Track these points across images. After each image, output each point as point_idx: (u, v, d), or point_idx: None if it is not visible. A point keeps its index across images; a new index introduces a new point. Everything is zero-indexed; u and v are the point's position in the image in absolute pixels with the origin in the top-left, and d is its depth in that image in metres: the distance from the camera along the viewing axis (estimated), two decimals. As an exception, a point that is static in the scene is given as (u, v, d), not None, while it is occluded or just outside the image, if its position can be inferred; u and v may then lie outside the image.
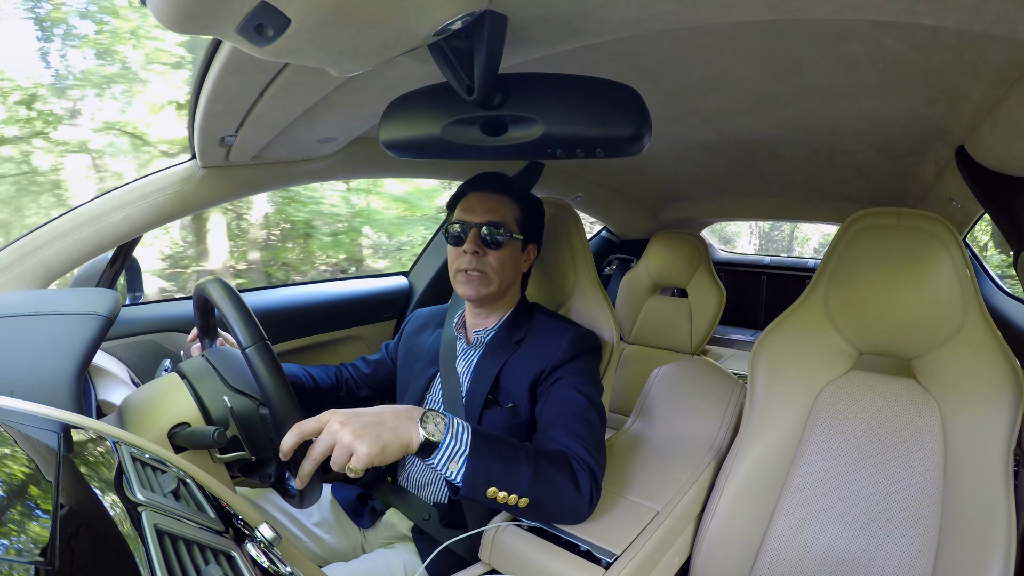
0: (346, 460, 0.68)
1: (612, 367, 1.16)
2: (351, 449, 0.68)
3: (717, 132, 1.25)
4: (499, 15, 0.55)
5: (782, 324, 1.06)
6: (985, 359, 0.88)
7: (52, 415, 0.56)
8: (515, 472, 0.77)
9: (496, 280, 1.01)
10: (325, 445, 0.69)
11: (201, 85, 0.78)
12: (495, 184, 1.05)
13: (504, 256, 1.01)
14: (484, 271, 1.00)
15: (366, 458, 0.67)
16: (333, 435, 0.69)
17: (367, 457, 0.67)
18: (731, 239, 10.29)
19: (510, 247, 1.02)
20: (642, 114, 0.62)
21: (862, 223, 0.98)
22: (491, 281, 1.01)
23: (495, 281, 1.01)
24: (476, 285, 1.00)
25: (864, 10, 0.57)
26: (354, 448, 0.68)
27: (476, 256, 0.99)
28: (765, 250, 9.90)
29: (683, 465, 1.04)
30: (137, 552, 0.37)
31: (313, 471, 0.70)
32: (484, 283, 1.00)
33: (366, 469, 0.69)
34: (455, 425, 0.77)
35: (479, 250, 0.99)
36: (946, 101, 0.90)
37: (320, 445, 0.69)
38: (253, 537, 0.49)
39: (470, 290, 1.01)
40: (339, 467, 0.69)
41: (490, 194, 1.03)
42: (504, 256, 1.01)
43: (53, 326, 0.75)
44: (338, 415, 0.71)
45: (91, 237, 1.03)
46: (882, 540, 0.90)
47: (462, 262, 1.00)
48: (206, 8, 0.43)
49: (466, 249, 0.99)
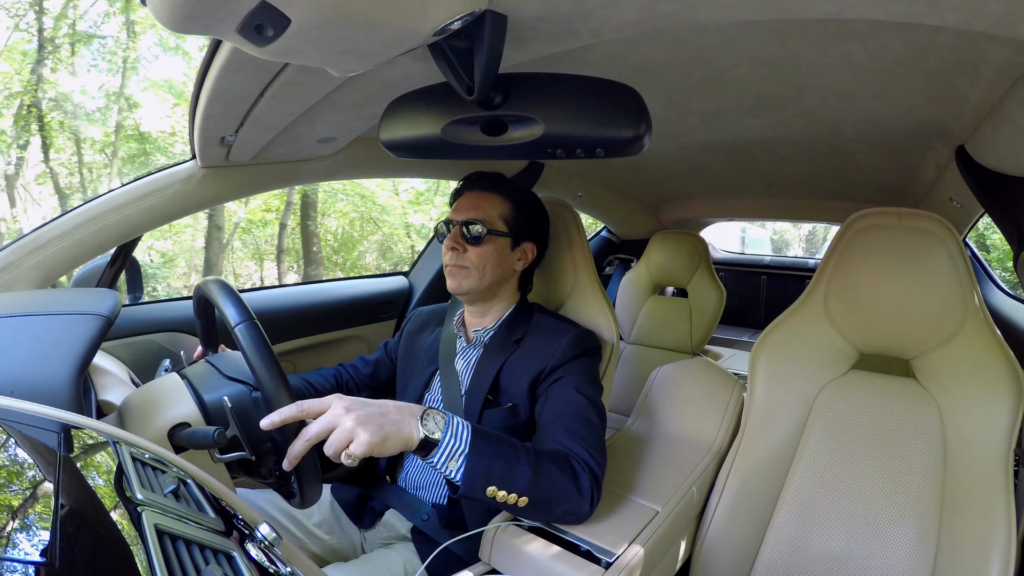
0: (344, 445, 0.67)
1: (612, 367, 1.15)
2: (352, 435, 0.67)
3: (717, 132, 1.25)
4: (499, 15, 0.55)
5: (782, 324, 1.06)
6: (985, 359, 0.88)
7: (52, 415, 0.56)
8: (515, 471, 0.77)
9: (476, 275, 1.02)
10: (323, 426, 0.68)
11: (201, 85, 0.78)
12: (482, 183, 1.07)
13: (484, 252, 1.02)
14: (464, 266, 1.02)
15: (367, 445, 0.67)
16: (335, 418, 0.68)
17: (368, 444, 0.67)
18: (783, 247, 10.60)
19: (491, 243, 1.03)
20: (642, 114, 0.62)
21: (862, 223, 0.98)
22: (471, 275, 1.03)
23: (474, 276, 1.03)
24: (458, 279, 1.03)
25: (864, 10, 0.57)
26: (356, 434, 0.67)
27: (456, 252, 1.02)
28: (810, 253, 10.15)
29: (683, 465, 1.04)
30: (137, 552, 0.37)
31: (304, 452, 0.68)
32: (465, 277, 1.03)
33: (360, 459, 0.68)
34: (455, 423, 0.77)
35: (457, 246, 1.02)
36: (946, 101, 0.90)
37: (317, 426, 0.68)
38: (253, 537, 0.49)
39: (452, 283, 1.04)
40: (335, 451, 0.68)
41: (477, 192, 1.06)
42: (484, 252, 1.02)
43: (53, 326, 0.75)
44: (344, 399, 0.71)
45: (91, 237, 1.03)
46: (882, 540, 0.90)
47: (446, 258, 1.04)
48: (206, 8, 0.43)
49: (447, 245, 1.03)
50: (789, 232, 11.60)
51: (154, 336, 1.25)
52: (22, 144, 7.06)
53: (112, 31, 7.33)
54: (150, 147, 7.57)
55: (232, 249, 8.31)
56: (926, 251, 0.92)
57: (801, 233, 11.42)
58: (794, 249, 11.43)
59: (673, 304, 2.09)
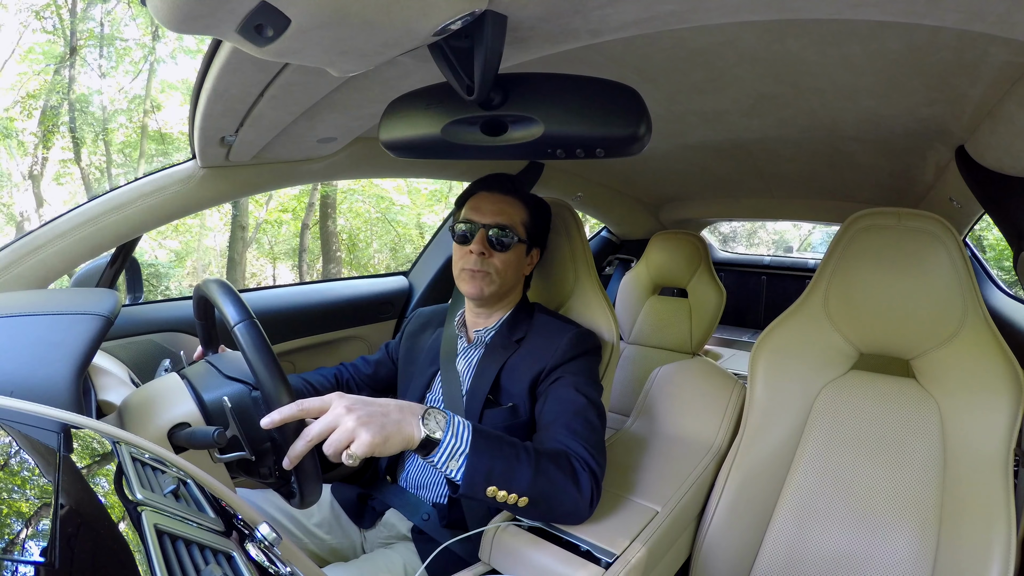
0: (344, 445, 0.67)
1: (612, 367, 1.15)
2: (353, 435, 0.67)
3: (717, 132, 1.25)
4: (499, 15, 0.55)
5: (782, 324, 1.06)
6: (985, 359, 0.88)
7: (52, 415, 0.56)
8: (515, 471, 0.77)
9: (498, 281, 1.02)
10: (324, 426, 0.67)
11: (201, 85, 0.78)
12: (506, 186, 1.05)
13: (509, 259, 1.02)
14: (488, 271, 1.01)
15: (368, 446, 0.67)
16: (336, 418, 0.68)
17: (369, 445, 0.67)
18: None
19: (516, 251, 1.02)
20: (642, 114, 0.62)
21: (862, 223, 0.98)
22: (493, 282, 1.01)
23: (497, 282, 1.02)
24: (480, 284, 1.01)
25: (864, 10, 0.57)
26: (357, 434, 0.67)
27: (481, 257, 1.00)
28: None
29: (683, 465, 1.04)
30: (137, 552, 0.37)
31: (305, 452, 0.68)
32: (487, 283, 1.01)
33: (361, 459, 0.67)
34: (456, 423, 0.77)
35: (485, 251, 1.00)
36: (946, 101, 0.90)
37: (319, 425, 0.68)
38: (253, 537, 0.49)
39: (473, 289, 1.01)
40: (335, 451, 0.67)
41: (501, 195, 1.04)
42: (509, 259, 1.02)
43: (53, 326, 0.75)
44: (345, 399, 0.70)
45: (91, 237, 1.03)
46: (882, 540, 0.90)
47: (467, 261, 1.01)
48: (206, 8, 0.43)
49: (472, 249, 1.00)
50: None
51: (154, 336, 1.25)
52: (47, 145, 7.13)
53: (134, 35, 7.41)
54: (170, 148, 7.65)
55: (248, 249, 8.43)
56: (926, 251, 0.92)
57: (801, 234, 11.37)
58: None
59: (673, 304, 2.09)
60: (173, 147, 7.72)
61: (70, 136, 7.18)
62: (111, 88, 7.50)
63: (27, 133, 7.14)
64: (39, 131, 7.07)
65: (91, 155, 7.58)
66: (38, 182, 7.40)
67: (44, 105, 7.00)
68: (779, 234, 11.23)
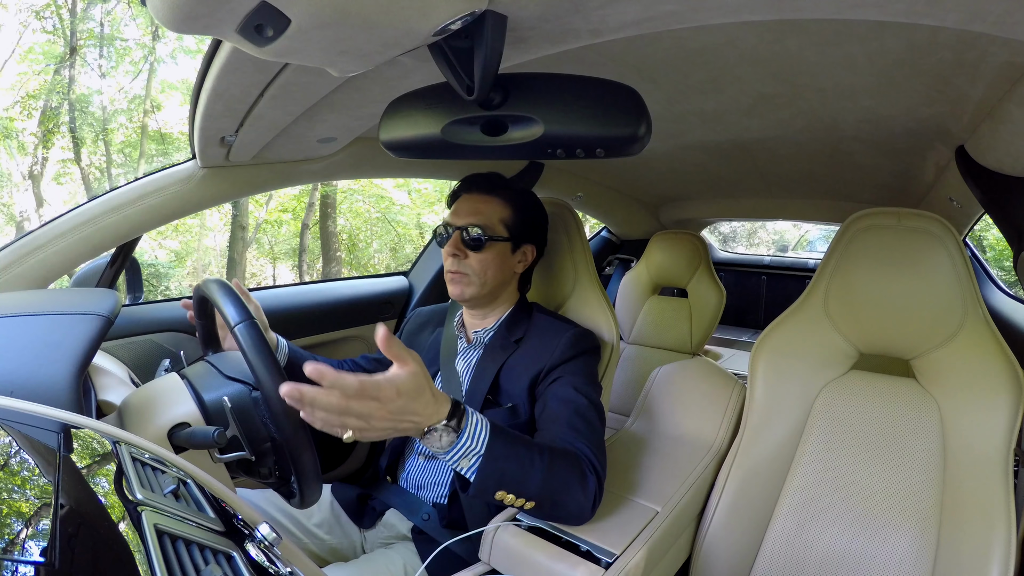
0: (346, 430, 0.63)
1: (612, 367, 1.15)
2: (369, 430, 0.64)
3: (717, 132, 1.25)
4: (499, 15, 0.55)
5: (782, 324, 1.06)
6: (985, 359, 0.88)
7: (52, 415, 0.56)
8: (527, 476, 0.76)
9: (478, 282, 1.01)
10: (358, 424, 0.63)
11: (201, 85, 0.78)
12: (482, 185, 1.05)
13: (486, 258, 1.01)
14: (466, 273, 1.01)
15: (372, 438, 0.67)
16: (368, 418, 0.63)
17: (375, 439, 0.67)
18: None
19: (493, 249, 1.02)
20: (642, 114, 0.62)
21: (862, 223, 0.98)
22: (472, 283, 1.01)
23: (476, 283, 1.01)
24: (460, 286, 1.02)
25: (864, 10, 0.57)
26: (371, 430, 0.64)
27: (456, 258, 1.01)
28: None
29: (683, 465, 1.04)
30: (137, 552, 0.37)
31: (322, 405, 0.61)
32: (466, 284, 1.01)
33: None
34: (474, 422, 0.74)
35: (459, 252, 1.01)
36: (946, 101, 0.90)
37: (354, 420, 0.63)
38: (253, 537, 0.49)
39: (455, 291, 1.03)
40: (331, 428, 0.63)
41: (477, 195, 1.04)
42: (486, 258, 1.01)
43: (53, 326, 0.75)
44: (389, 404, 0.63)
45: (91, 237, 1.03)
46: (882, 540, 0.90)
47: (447, 263, 1.02)
48: (206, 8, 0.43)
49: (447, 251, 1.01)
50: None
51: (154, 336, 1.25)
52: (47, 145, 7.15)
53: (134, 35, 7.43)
54: (170, 148, 7.67)
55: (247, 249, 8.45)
56: (926, 251, 0.92)
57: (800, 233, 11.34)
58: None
59: (673, 304, 2.09)
60: (173, 147, 7.74)
61: (70, 136, 7.20)
62: (111, 88, 7.53)
63: (27, 133, 7.16)
64: (39, 131, 7.08)
65: (91, 155, 7.60)
66: (38, 182, 7.42)
67: (44, 105, 7.02)
68: (779, 234, 11.20)
